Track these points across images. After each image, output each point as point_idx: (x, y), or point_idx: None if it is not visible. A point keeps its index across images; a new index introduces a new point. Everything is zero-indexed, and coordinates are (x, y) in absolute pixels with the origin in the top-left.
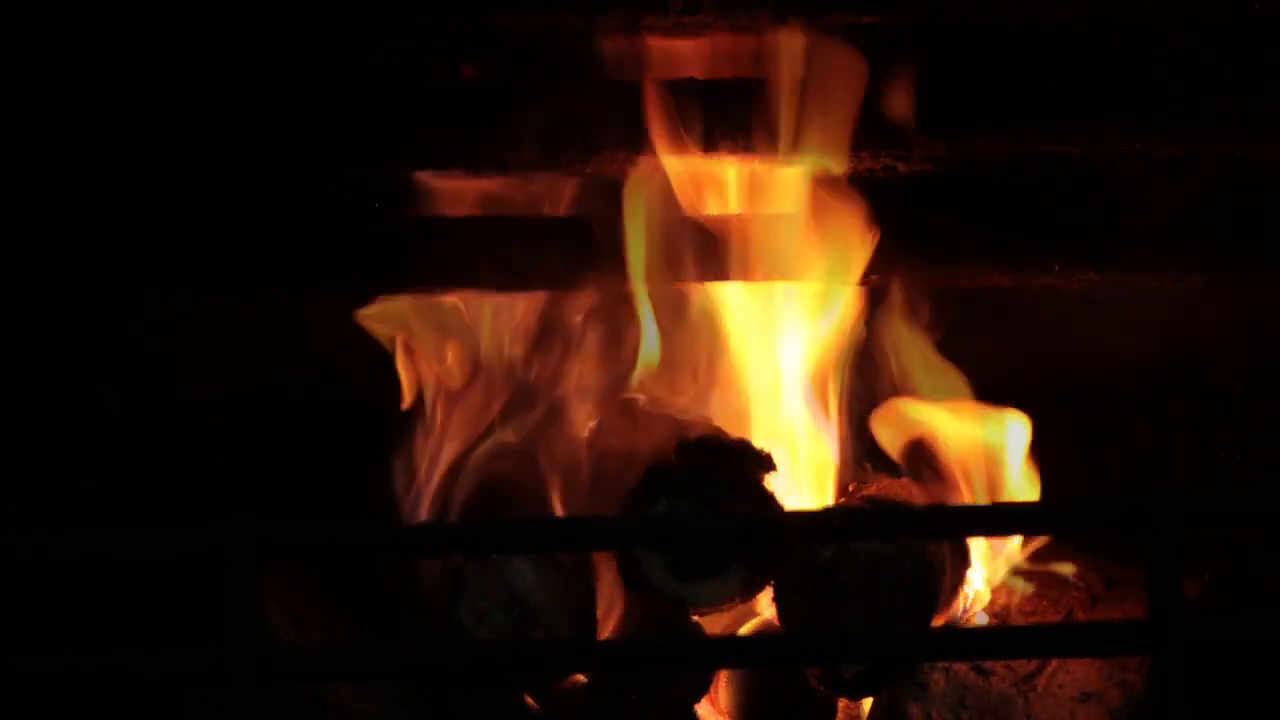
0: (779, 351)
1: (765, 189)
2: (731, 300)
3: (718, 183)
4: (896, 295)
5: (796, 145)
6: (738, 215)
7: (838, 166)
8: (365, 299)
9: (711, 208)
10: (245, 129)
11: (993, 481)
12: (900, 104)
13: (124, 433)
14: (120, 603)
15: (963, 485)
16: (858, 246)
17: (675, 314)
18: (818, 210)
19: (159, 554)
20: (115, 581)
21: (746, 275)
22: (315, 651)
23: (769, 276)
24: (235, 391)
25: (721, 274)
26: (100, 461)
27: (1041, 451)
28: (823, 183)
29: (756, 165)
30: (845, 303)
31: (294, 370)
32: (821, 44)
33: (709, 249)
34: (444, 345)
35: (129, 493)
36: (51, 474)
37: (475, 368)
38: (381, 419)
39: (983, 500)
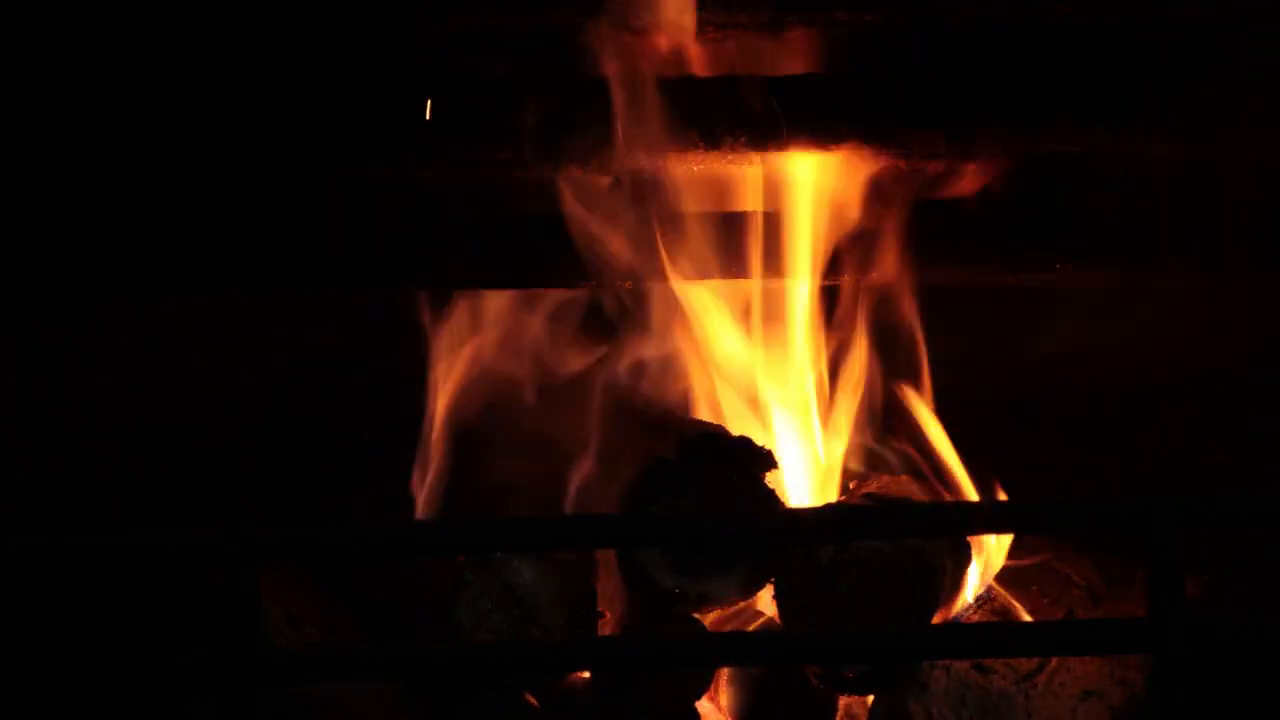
0: (780, 349)
1: (767, 187)
2: (732, 298)
3: (719, 180)
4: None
5: (797, 143)
6: (739, 213)
7: (838, 164)
8: (366, 298)
9: (711, 206)
10: (245, 127)
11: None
12: (900, 102)
13: (124, 434)
14: (118, 604)
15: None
16: (859, 245)
17: (676, 312)
18: (819, 208)
19: (162, 556)
20: (113, 583)
21: (746, 273)
22: (314, 652)
23: (769, 275)
24: (235, 392)
25: (722, 272)
26: (99, 463)
27: (1042, 451)
28: (824, 181)
29: (758, 163)
30: (845, 300)
31: (294, 369)
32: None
33: (709, 247)
34: (446, 343)
35: (129, 495)
36: (50, 476)
37: (477, 366)
38: (382, 418)
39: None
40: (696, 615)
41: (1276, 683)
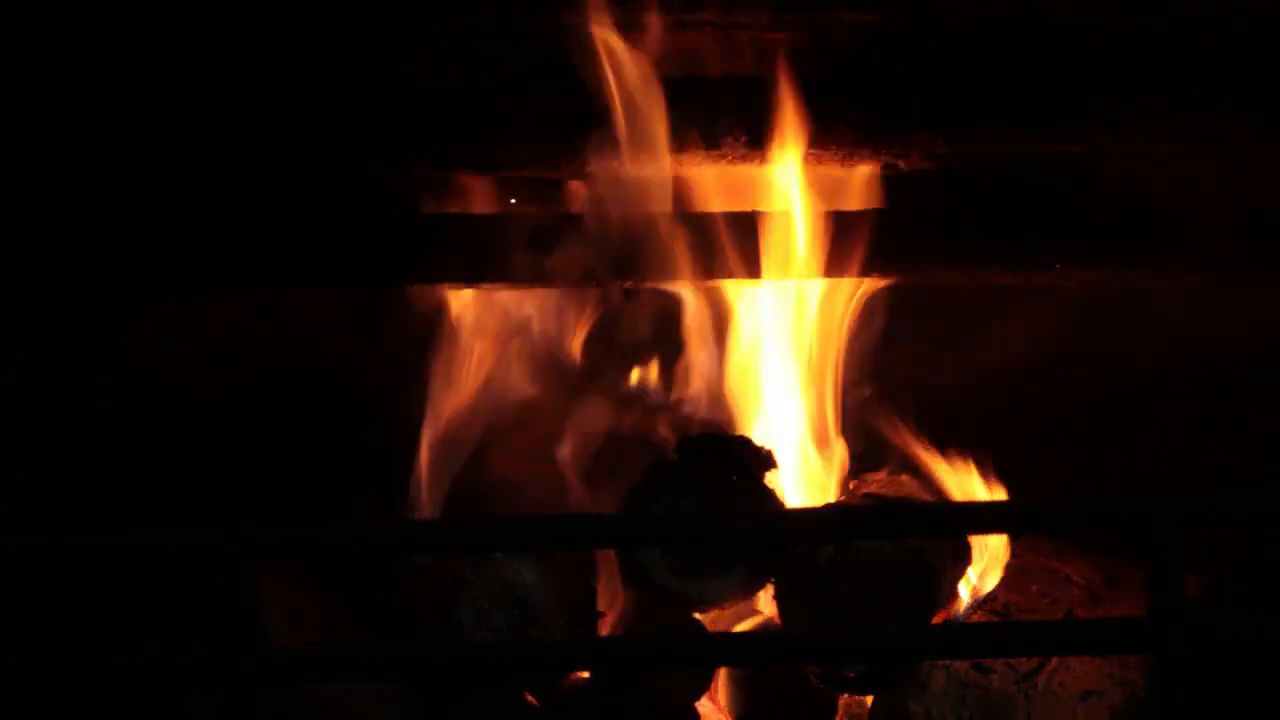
0: (780, 349)
1: (766, 187)
2: (732, 298)
3: (719, 180)
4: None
5: (797, 142)
6: (739, 213)
7: (839, 164)
8: (365, 297)
9: (712, 205)
10: (245, 127)
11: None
12: (900, 102)
13: (124, 434)
14: (120, 604)
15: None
16: (858, 244)
17: (676, 312)
18: (818, 208)
19: (163, 556)
20: (114, 583)
21: (747, 273)
22: (314, 652)
23: (770, 274)
24: (236, 392)
25: (723, 272)
26: (100, 464)
27: (1042, 450)
28: (823, 181)
29: (757, 163)
30: (845, 300)
31: (294, 369)
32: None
33: (710, 247)
34: (446, 342)
35: (129, 495)
36: (50, 476)
37: (478, 366)
38: (383, 418)
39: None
40: (696, 615)
41: (1276, 683)
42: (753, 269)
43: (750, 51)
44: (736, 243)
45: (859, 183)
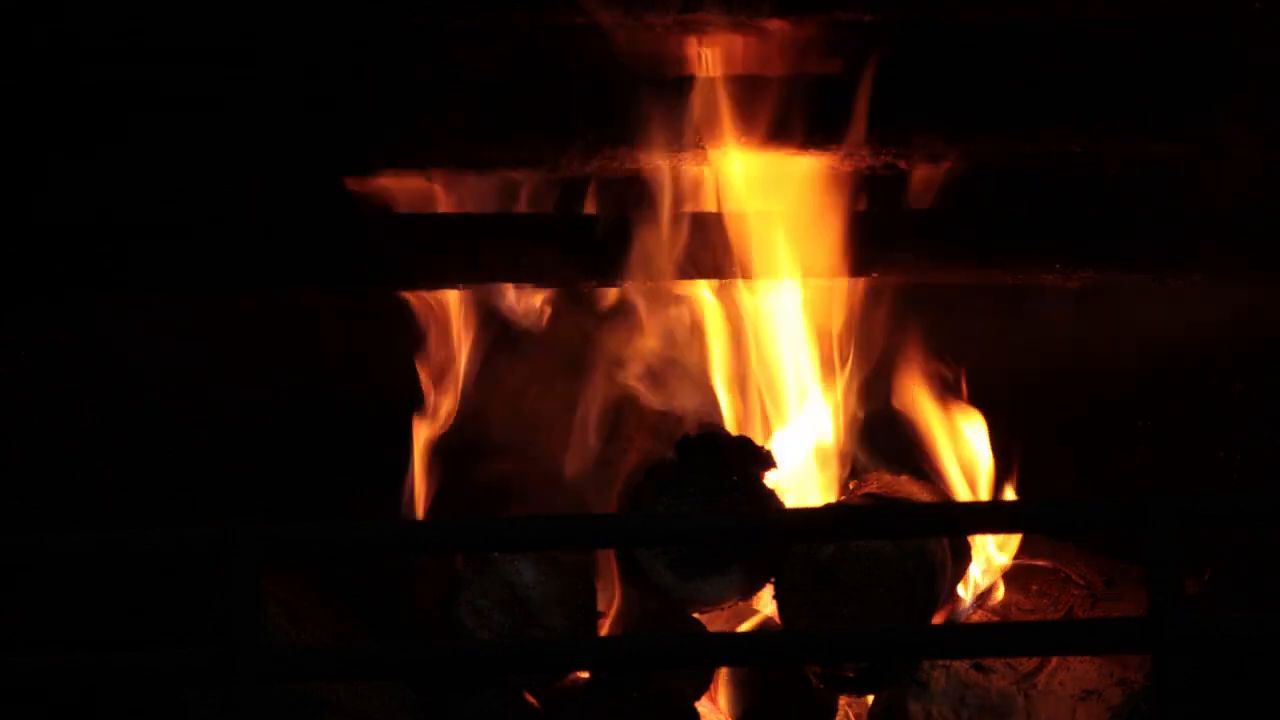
0: (779, 349)
1: (766, 186)
2: (733, 298)
3: (718, 180)
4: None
5: (798, 142)
6: (739, 213)
7: (839, 164)
8: (362, 297)
9: (711, 205)
10: (237, 127)
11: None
12: (900, 102)
13: (122, 433)
14: (119, 603)
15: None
16: (858, 244)
17: (676, 312)
18: (819, 207)
19: (163, 553)
20: (115, 582)
21: (747, 273)
22: (315, 651)
23: (769, 274)
24: (234, 392)
25: (722, 272)
26: (99, 463)
27: (1042, 450)
28: (824, 180)
29: (757, 162)
30: (845, 300)
31: (291, 369)
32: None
33: (708, 247)
34: (448, 342)
35: (128, 494)
36: (50, 476)
37: (477, 365)
38: (381, 417)
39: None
40: (696, 615)
41: (1276, 682)
42: (752, 269)
43: (750, 51)
44: (735, 243)
45: (859, 182)
